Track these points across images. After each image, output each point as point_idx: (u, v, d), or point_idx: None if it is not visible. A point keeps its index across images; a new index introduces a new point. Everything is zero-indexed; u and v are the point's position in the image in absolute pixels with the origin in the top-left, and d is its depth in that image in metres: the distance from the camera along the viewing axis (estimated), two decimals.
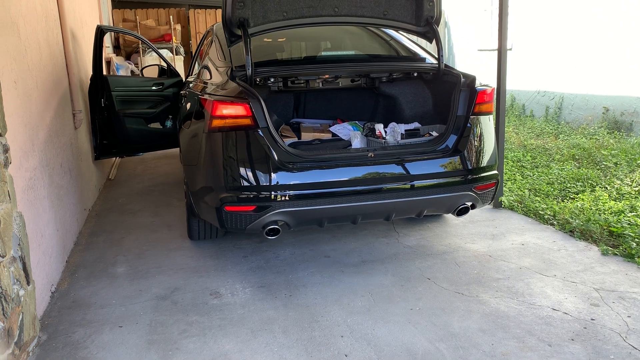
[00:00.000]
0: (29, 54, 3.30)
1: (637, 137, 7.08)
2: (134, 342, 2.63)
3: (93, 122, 5.37)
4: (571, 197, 4.72)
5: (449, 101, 3.36)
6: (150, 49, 8.17)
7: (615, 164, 5.73)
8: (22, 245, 2.52)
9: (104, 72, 5.67)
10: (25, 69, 3.17)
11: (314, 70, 3.65)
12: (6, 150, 2.44)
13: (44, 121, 3.52)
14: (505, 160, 5.97)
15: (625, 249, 3.46)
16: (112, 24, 10.87)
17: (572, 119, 8.51)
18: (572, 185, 5.02)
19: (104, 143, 5.48)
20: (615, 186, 4.91)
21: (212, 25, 4.49)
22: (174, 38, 11.49)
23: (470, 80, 3.37)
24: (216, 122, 3.00)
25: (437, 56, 3.65)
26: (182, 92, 4.75)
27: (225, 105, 2.99)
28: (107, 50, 8.66)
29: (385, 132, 3.58)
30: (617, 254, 3.45)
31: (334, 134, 3.81)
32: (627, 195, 4.61)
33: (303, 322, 2.76)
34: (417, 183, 3.14)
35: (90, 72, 5.57)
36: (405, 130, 3.57)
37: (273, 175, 2.98)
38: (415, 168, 3.14)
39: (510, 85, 9.14)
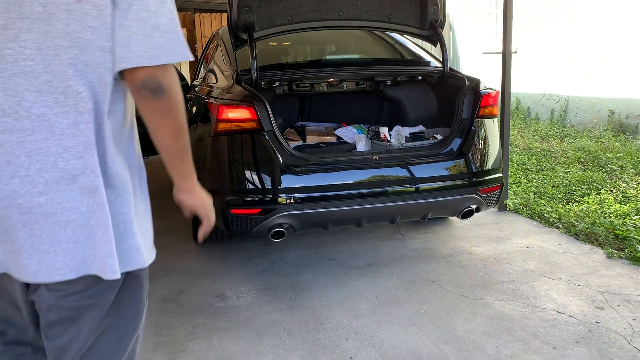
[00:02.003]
0: None
1: None
2: (140, 344, 2.64)
3: None
4: (576, 200, 4.71)
5: (453, 104, 3.36)
6: None
7: (621, 166, 5.72)
8: None
9: None
10: None
11: (319, 73, 3.67)
12: None
13: None
14: (510, 163, 5.97)
15: (631, 252, 3.45)
16: None
17: (578, 122, 8.50)
18: (578, 188, 5.01)
19: None
20: (621, 189, 4.90)
21: (218, 29, 4.52)
22: None
23: (475, 83, 3.38)
24: (222, 126, 3.02)
25: (441, 59, 3.66)
26: (187, 95, 4.78)
27: (231, 108, 3.01)
28: None
29: (390, 135, 3.59)
30: (622, 257, 3.44)
31: (338, 137, 3.82)
32: (633, 198, 4.60)
33: (308, 324, 2.77)
34: (421, 186, 3.15)
35: None
36: (410, 134, 3.58)
37: (278, 178, 2.99)
38: (420, 171, 3.15)
39: (515, 88, 9.11)
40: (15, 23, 1.09)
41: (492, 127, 3.38)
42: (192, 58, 1.30)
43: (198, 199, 1.42)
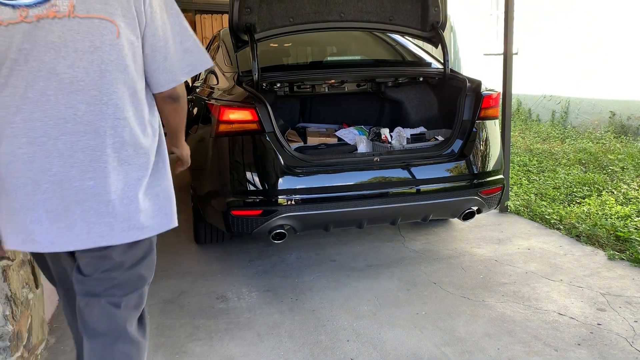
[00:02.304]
0: None
1: None
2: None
3: None
4: (577, 201, 4.70)
5: (454, 106, 3.36)
6: None
7: (622, 168, 5.72)
8: None
9: None
10: None
11: (320, 75, 3.67)
12: None
13: None
14: (511, 164, 5.96)
15: (632, 253, 3.45)
16: None
17: (579, 123, 8.49)
18: (579, 189, 5.01)
19: None
20: (622, 191, 4.89)
21: (219, 31, 4.52)
22: None
23: (476, 84, 3.38)
24: (223, 127, 3.02)
25: (442, 61, 3.66)
26: (188, 97, 4.78)
27: (232, 110, 3.01)
28: None
29: (391, 136, 3.59)
30: (623, 259, 3.44)
31: (339, 139, 3.82)
32: (634, 200, 4.60)
33: (309, 326, 2.77)
34: (422, 187, 3.14)
35: None
36: (411, 135, 3.58)
37: (279, 179, 2.99)
38: (421, 172, 3.15)
39: (516, 89, 9.11)
40: (70, 55, 1.50)
41: (493, 128, 3.38)
42: (212, 64, 1.77)
43: (184, 151, 2.02)
